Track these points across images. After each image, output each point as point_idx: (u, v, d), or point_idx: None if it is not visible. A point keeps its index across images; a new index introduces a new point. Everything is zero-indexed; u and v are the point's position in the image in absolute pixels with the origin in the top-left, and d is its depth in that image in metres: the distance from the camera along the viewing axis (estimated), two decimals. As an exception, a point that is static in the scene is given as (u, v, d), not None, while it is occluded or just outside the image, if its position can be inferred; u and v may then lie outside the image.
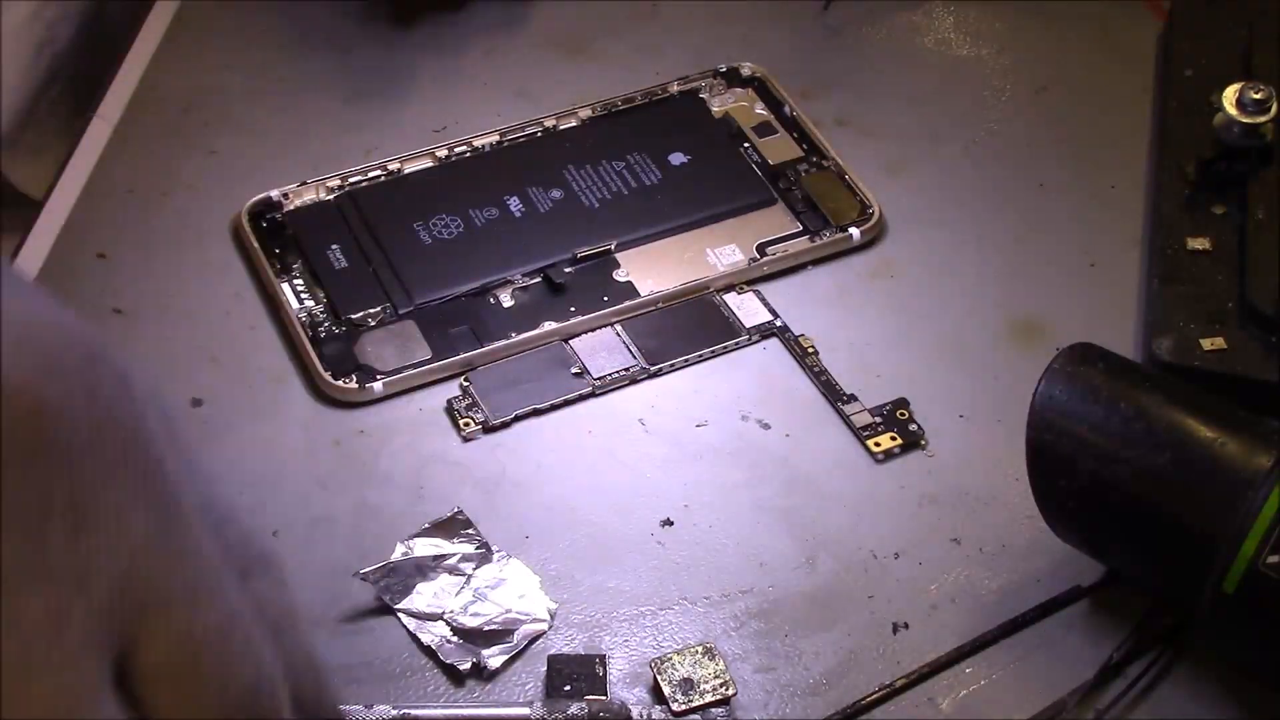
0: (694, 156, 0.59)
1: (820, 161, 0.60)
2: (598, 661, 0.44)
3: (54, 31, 0.66)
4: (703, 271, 0.55)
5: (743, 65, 0.63)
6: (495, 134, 0.60)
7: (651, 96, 0.62)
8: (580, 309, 0.54)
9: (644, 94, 0.62)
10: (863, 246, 0.57)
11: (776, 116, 0.61)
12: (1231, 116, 0.55)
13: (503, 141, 0.60)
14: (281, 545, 0.47)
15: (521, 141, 0.60)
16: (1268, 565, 0.39)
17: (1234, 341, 0.51)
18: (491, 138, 0.59)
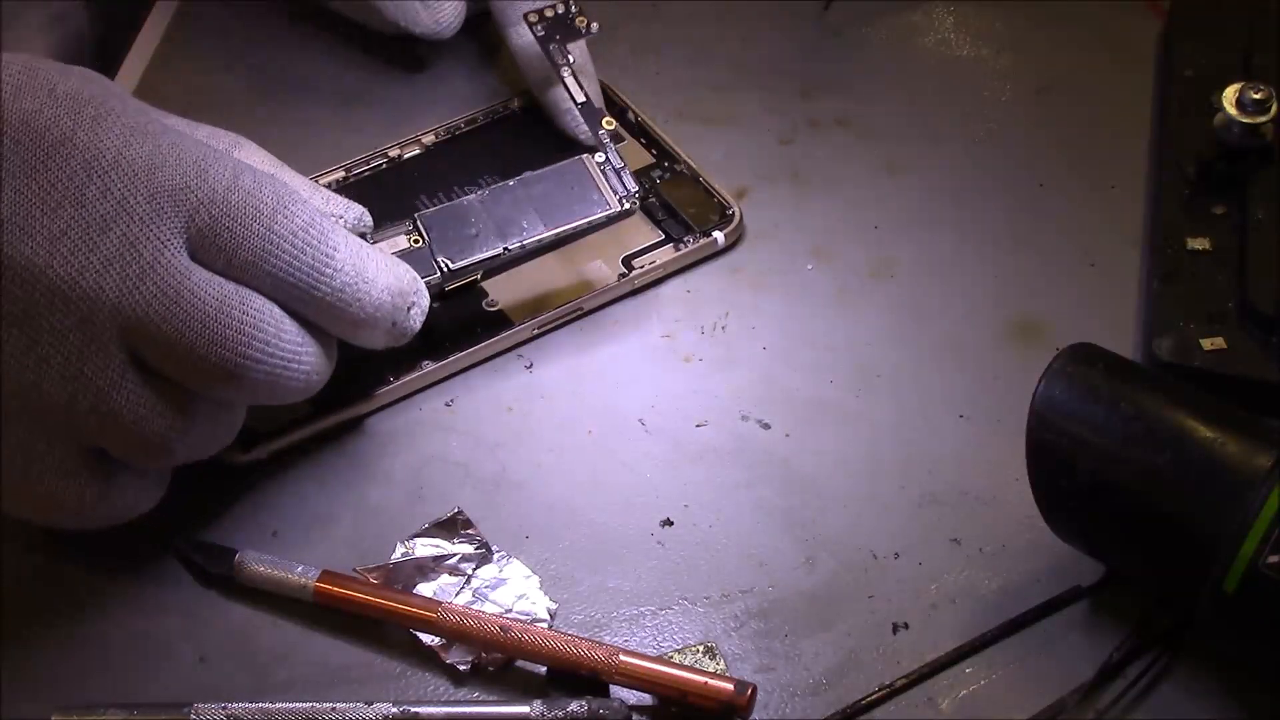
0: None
1: (673, 166, 0.59)
2: (598, 661, 0.44)
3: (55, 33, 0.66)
4: (573, 293, 0.55)
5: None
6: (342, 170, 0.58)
7: (493, 115, 0.61)
8: (455, 345, 0.52)
9: (485, 114, 0.61)
10: (727, 249, 0.57)
11: (620, 123, 0.60)
12: (1231, 116, 0.55)
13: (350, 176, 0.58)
14: (281, 546, 0.47)
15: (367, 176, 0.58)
16: (1268, 565, 0.39)
17: (1234, 341, 0.51)
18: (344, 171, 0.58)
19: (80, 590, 0.46)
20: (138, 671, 0.44)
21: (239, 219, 0.43)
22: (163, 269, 0.42)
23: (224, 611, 0.46)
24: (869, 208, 0.59)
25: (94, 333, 0.41)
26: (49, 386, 0.41)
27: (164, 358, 0.42)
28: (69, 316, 0.41)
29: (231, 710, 0.42)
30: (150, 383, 0.43)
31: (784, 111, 0.63)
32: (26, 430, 0.42)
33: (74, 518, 0.44)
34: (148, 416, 0.43)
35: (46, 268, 0.40)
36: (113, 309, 0.41)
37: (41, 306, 0.41)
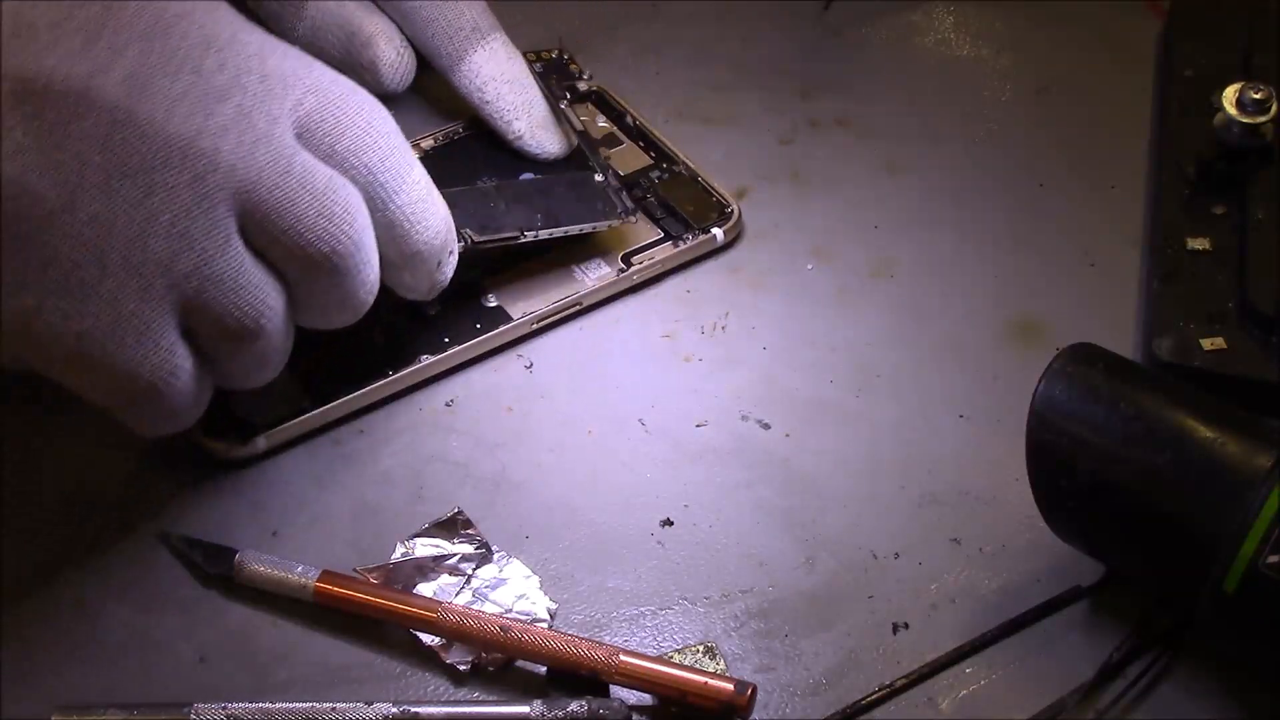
0: (543, 175, 0.57)
1: (671, 167, 0.60)
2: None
3: None
4: (572, 288, 0.55)
5: (579, 80, 0.61)
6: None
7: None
8: (454, 339, 0.53)
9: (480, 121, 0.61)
10: (726, 247, 0.57)
11: (619, 127, 0.61)
12: (1231, 116, 0.55)
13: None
14: (281, 545, 0.47)
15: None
16: (1268, 565, 0.39)
17: (1234, 341, 0.51)
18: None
19: (80, 590, 0.46)
20: (138, 671, 0.44)
21: (343, 108, 0.45)
22: (275, 141, 0.43)
23: (224, 611, 0.46)
24: (869, 208, 0.59)
25: (205, 192, 0.42)
26: (154, 242, 0.42)
27: (269, 231, 0.43)
28: (182, 173, 0.42)
29: (231, 710, 0.42)
30: (250, 260, 0.44)
31: (784, 111, 0.63)
32: (121, 284, 0.42)
33: (136, 394, 0.43)
34: (244, 289, 0.43)
35: (165, 124, 0.42)
36: (227, 171, 0.42)
37: (156, 161, 0.42)
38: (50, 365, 0.43)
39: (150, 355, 0.43)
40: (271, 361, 0.46)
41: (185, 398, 0.44)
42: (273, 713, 0.42)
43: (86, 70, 0.41)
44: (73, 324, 0.41)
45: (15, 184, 0.40)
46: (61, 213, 0.41)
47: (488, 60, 0.57)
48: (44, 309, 0.41)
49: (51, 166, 0.41)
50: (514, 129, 0.57)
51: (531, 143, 0.57)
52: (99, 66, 0.41)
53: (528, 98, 0.57)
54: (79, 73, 0.41)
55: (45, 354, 0.42)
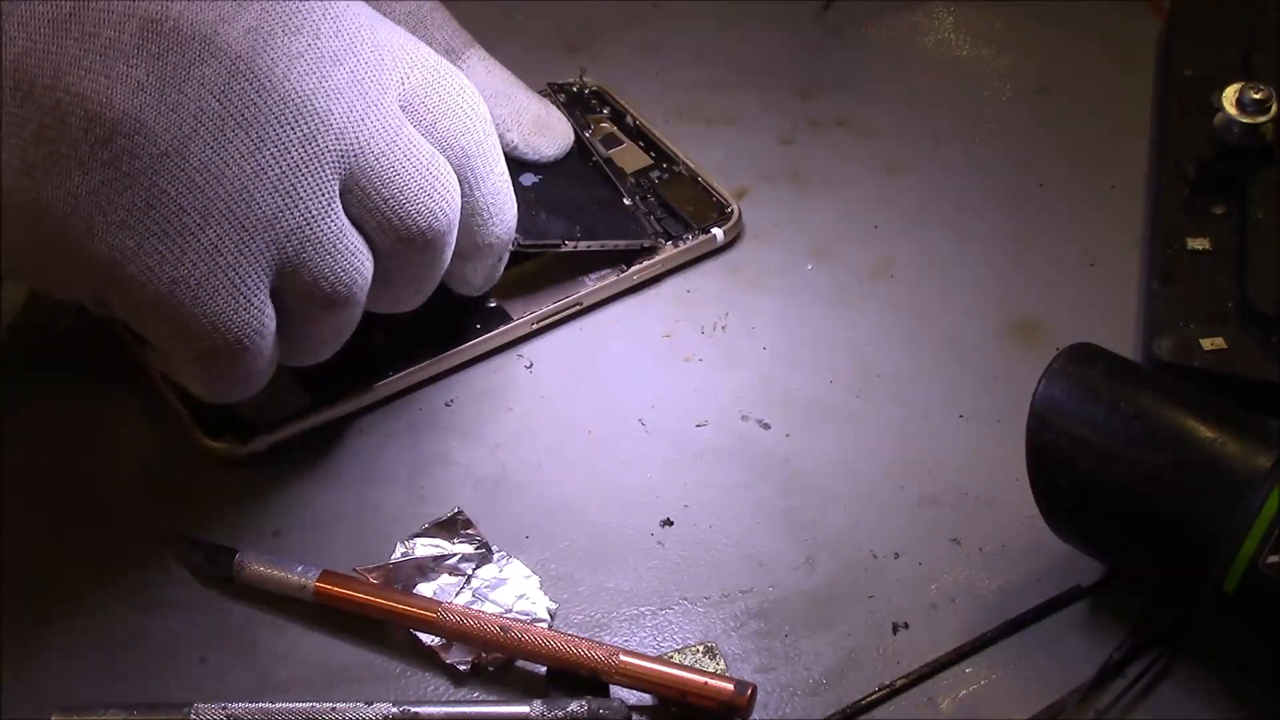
0: (543, 176, 0.57)
1: (671, 167, 0.60)
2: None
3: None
4: (572, 288, 0.55)
5: (578, 81, 0.62)
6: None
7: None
8: (455, 339, 0.53)
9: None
10: (726, 247, 0.57)
11: (619, 127, 0.61)
12: (1231, 116, 0.55)
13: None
14: (281, 545, 0.47)
15: None
16: (1268, 565, 0.39)
17: (1234, 341, 0.51)
18: None
19: (80, 590, 0.46)
20: (138, 671, 0.44)
21: (446, 88, 0.46)
22: (384, 110, 0.44)
23: (224, 611, 0.46)
24: (869, 208, 0.59)
25: (314, 152, 0.43)
26: (260, 195, 0.42)
27: (371, 199, 0.44)
28: (295, 130, 0.42)
29: (231, 710, 0.42)
30: (349, 226, 0.44)
31: (784, 111, 0.63)
32: (222, 235, 0.42)
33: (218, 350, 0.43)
34: (342, 254, 0.44)
35: (282, 80, 0.42)
36: (337, 133, 0.43)
37: (271, 115, 0.42)
38: (136, 311, 0.43)
39: (241, 310, 0.43)
40: (344, 336, 0.47)
41: (262, 361, 0.45)
42: (273, 713, 0.42)
43: (213, 17, 0.41)
44: (168, 269, 0.41)
45: (132, 120, 0.40)
46: (173, 155, 0.41)
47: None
48: (142, 250, 0.41)
49: (169, 108, 0.41)
50: (507, 141, 0.56)
51: (528, 150, 0.57)
52: (224, 15, 0.42)
53: (514, 107, 0.56)
54: (206, 19, 0.41)
55: (134, 298, 0.42)
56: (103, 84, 0.40)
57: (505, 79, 0.56)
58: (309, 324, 0.45)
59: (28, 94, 0.40)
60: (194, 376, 0.45)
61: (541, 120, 0.57)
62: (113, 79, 0.40)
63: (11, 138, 0.40)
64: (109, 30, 0.41)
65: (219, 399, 0.46)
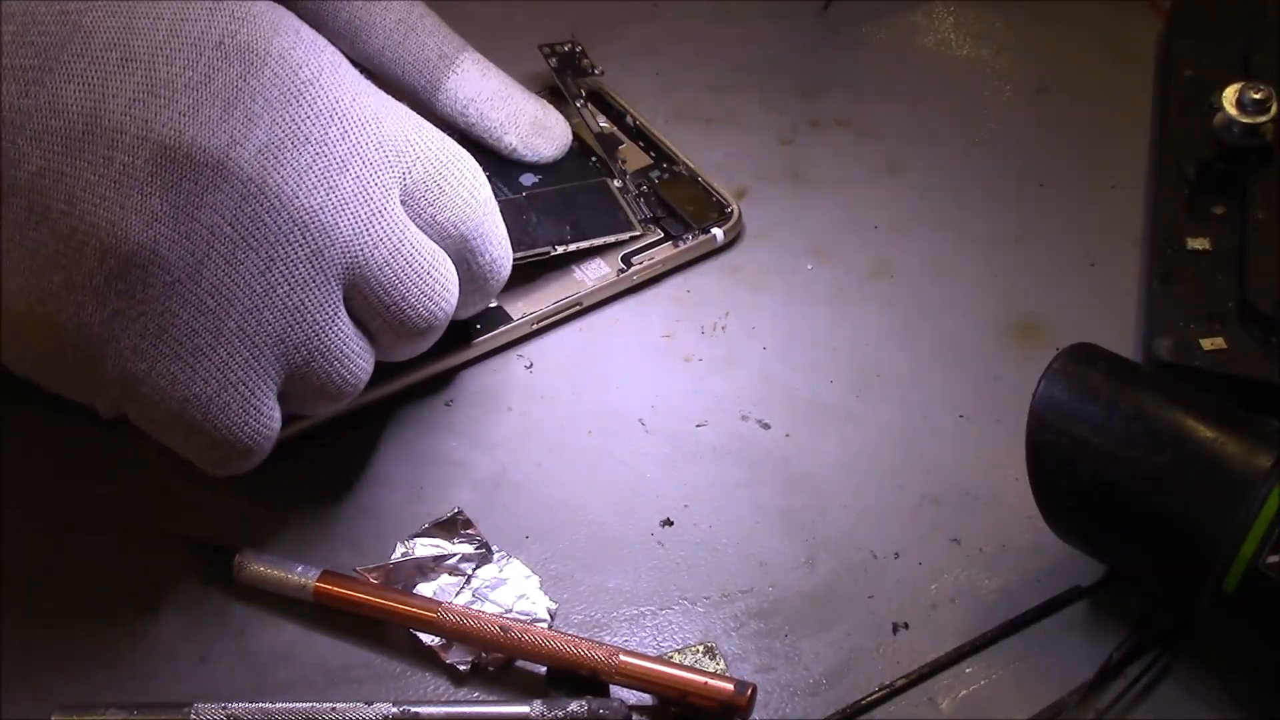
0: (544, 176, 0.57)
1: (671, 167, 0.59)
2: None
3: None
4: (572, 288, 0.55)
5: (590, 74, 0.62)
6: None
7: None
8: (454, 340, 0.52)
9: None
10: (726, 247, 0.57)
11: (619, 127, 0.61)
12: (1231, 116, 0.55)
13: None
14: (281, 546, 0.47)
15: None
16: (1268, 565, 0.39)
17: (1234, 341, 0.50)
18: None
19: (80, 590, 0.46)
20: (138, 671, 0.44)
21: (447, 179, 0.46)
22: (388, 216, 0.44)
23: (224, 611, 0.46)
24: (869, 208, 0.59)
25: (322, 267, 0.43)
26: (270, 314, 0.42)
27: (375, 304, 0.44)
28: (303, 247, 0.43)
29: (231, 710, 0.42)
30: (353, 330, 0.45)
31: (784, 111, 0.63)
32: (231, 353, 0.42)
33: (229, 455, 0.44)
34: (347, 358, 0.45)
35: (293, 198, 0.42)
36: (343, 247, 0.43)
37: (280, 234, 0.42)
38: (150, 424, 0.44)
39: (250, 420, 0.43)
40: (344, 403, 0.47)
41: (266, 451, 0.45)
42: (273, 713, 0.42)
43: (225, 141, 0.41)
44: (180, 389, 0.42)
45: (147, 251, 0.41)
46: (186, 281, 0.41)
47: (461, 84, 0.56)
48: (154, 373, 0.42)
49: (183, 236, 0.41)
50: (505, 144, 0.56)
51: (527, 153, 0.57)
52: (235, 138, 0.42)
53: (511, 109, 0.56)
54: (219, 143, 0.41)
55: (147, 414, 0.43)
56: (118, 214, 0.41)
57: (501, 81, 0.56)
58: (313, 410, 0.47)
59: (43, 217, 0.41)
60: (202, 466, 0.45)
61: (539, 121, 0.57)
62: (128, 209, 0.41)
63: (25, 261, 0.41)
64: (122, 155, 0.41)
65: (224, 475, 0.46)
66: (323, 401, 0.46)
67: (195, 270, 0.41)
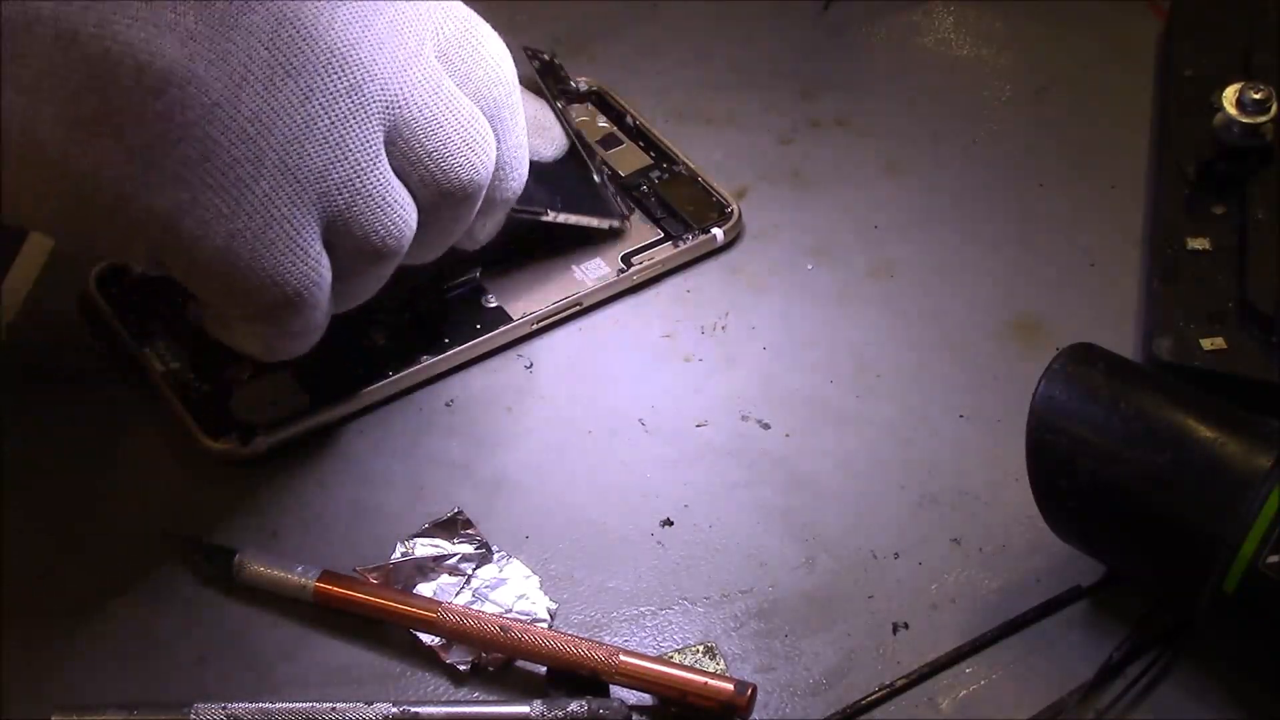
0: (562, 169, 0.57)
1: (671, 167, 0.60)
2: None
3: None
4: (572, 288, 0.55)
5: (578, 80, 0.62)
6: None
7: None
8: (455, 339, 0.53)
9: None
10: (726, 247, 0.57)
11: (619, 127, 0.61)
12: (1231, 116, 0.55)
13: None
14: (281, 545, 0.47)
15: None
16: (1268, 565, 0.39)
17: (1234, 341, 0.51)
18: None
19: (80, 590, 0.46)
20: (138, 671, 0.44)
21: (479, 39, 0.46)
22: (425, 61, 0.44)
23: (224, 611, 0.46)
24: (869, 208, 0.59)
25: (361, 102, 0.42)
26: (310, 147, 0.42)
27: (415, 151, 0.44)
28: (342, 80, 0.42)
29: (231, 710, 0.42)
30: (395, 178, 0.44)
31: (784, 111, 0.63)
32: (275, 186, 0.41)
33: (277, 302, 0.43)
34: (390, 206, 0.44)
35: (327, 29, 0.42)
36: (381, 83, 0.42)
37: (318, 64, 0.41)
38: (194, 267, 0.42)
39: (299, 261, 0.42)
40: (375, 288, 0.47)
41: (319, 313, 0.44)
42: (273, 713, 0.42)
43: None
44: (224, 223, 0.41)
45: (183, 69, 0.39)
46: (225, 105, 0.40)
47: None
48: (197, 204, 0.41)
49: (219, 57, 0.40)
50: None
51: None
52: None
53: None
54: None
55: (191, 254, 0.41)
56: (151, 32, 0.39)
57: None
58: (354, 278, 0.45)
59: (72, 41, 0.39)
60: (252, 335, 0.44)
61: (538, 121, 0.57)
62: (161, 27, 0.39)
63: (58, 90, 0.39)
64: None
65: (276, 356, 0.46)
66: (364, 259, 0.44)
67: (234, 93, 0.40)
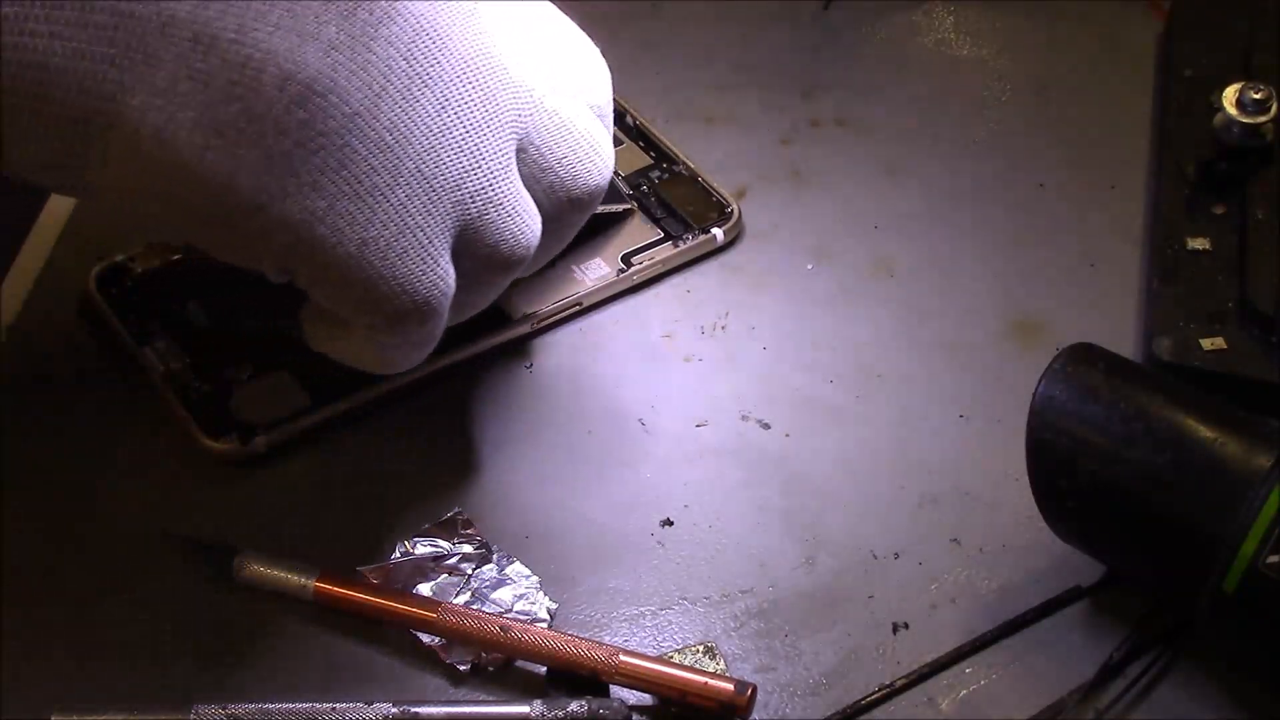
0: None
1: (671, 167, 0.60)
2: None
3: None
4: (571, 288, 0.55)
5: None
6: None
7: None
8: (454, 340, 0.52)
9: None
10: (726, 247, 0.57)
11: (619, 127, 0.61)
12: (1231, 116, 0.55)
13: None
14: (281, 545, 0.47)
15: None
16: (1268, 565, 0.39)
17: (1234, 341, 0.51)
18: None
19: (80, 590, 0.46)
20: (138, 671, 0.44)
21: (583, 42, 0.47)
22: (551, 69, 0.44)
23: (224, 611, 0.46)
24: (869, 208, 0.59)
25: (494, 111, 0.43)
26: (446, 156, 0.42)
27: (544, 160, 0.44)
28: (476, 89, 0.42)
29: (231, 710, 0.42)
30: (524, 188, 0.44)
31: (784, 111, 0.63)
32: (409, 195, 0.42)
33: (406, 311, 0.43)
34: (521, 216, 0.44)
35: (462, 39, 0.42)
36: (514, 92, 0.43)
37: (453, 74, 0.42)
38: (324, 274, 0.42)
39: (429, 271, 0.42)
40: (492, 299, 0.47)
41: (441, 324, 0.45)
42: (273, 713, 0.42)
43: None
44: (358, 230, 0.41)
45: (326, 79, 0.40)
46: (365, 115, 0.40)
47: None
48: (333, 212, 0.41)
49: (360, 67, 0.40)
50: None
51: None
52: None
53: None
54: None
55: (323, 261, 0.41)
56: (294, 41, 0.39)
57: None
58: (477, 287, 0.45)
59: (210, 47, 0.39)
60: (370, 345, 0.44)
61: None
62: (304, 36, 0.39)
63: (197, 93, 0.39)
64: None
65: (390, 368, 0.45)
66: (491, 269, 0.44)
67: (373, 104, 0.40)
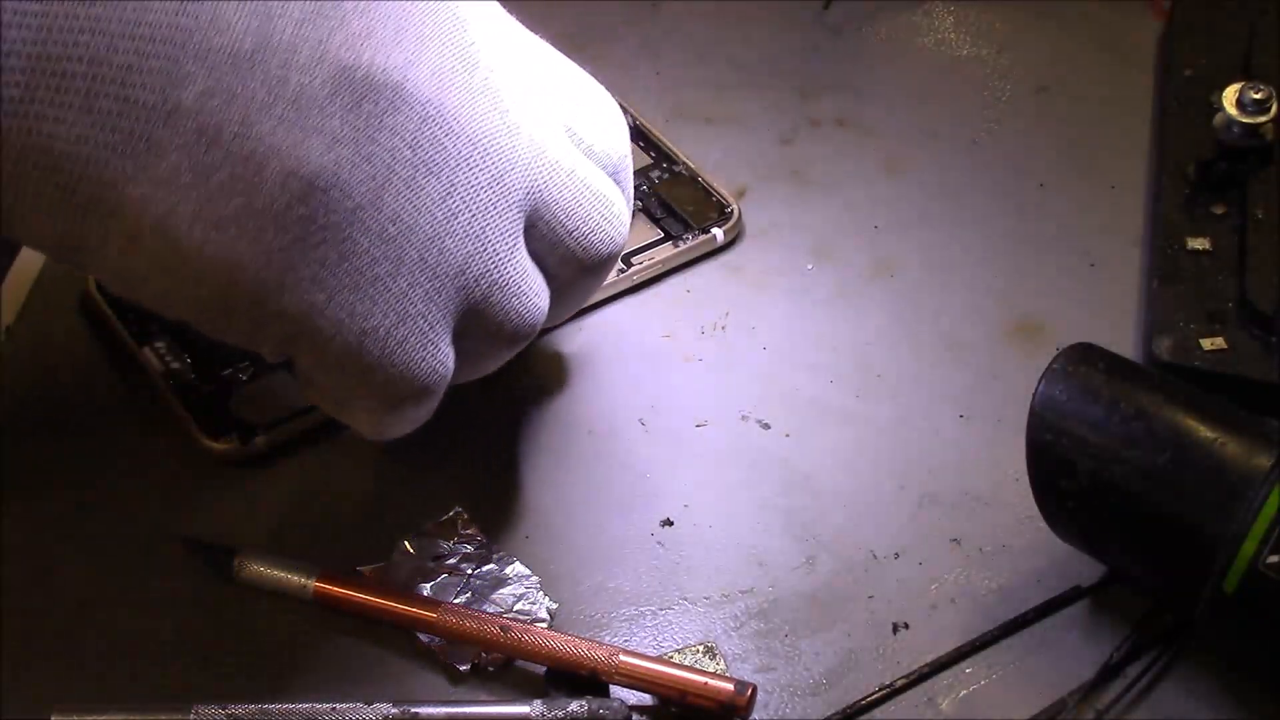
0: None
1: (671, 167, 0.60)
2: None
3: None
4: None
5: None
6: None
7: None
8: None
9: None
10: (726, 247, 0.57)
11: None
12: (1231, 116, 0.55)
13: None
14: (281, 545, 0.47)
15: None
16: (1268, 565, 0.39)
17: (1234, 341, 0.51)
18: None
19: (80, 590, 0.46)
20: (138, 671, 0.44)
21: (599, 99, 0.46)
22: (560, 139, 0.44)
23: (224, 612, 0.46)
24: (869, 208, 0.59)
25: (503, 193, 0.42)
26: (451, 243, 0.41)
27: (555, 232, 0.44)
28: (484, 172, 0.41)
29: (231, 710, 0.42)
30: (533, 264, 0.44)
31: (784, 111, 0.63)
32: (412, 284, 0.41)
33: (404, 396, 0.42)
34: (527, 294, 0.43)
35: (468, 122, 0.41)
36: (523, 170, 0.42)
37: (461, 159, 0.41)
38: (322, 362, 0.42)
39: (429, 357, 0.42)
40: (499, 366, 0.46)
41: (438, 400, 0.44)
42: (273, 713, 0.42)
43: (401, 62, 0.40)
44: (358, 321, 0.40)
45: (329, 175, 0.39)
46: (368, 207, 0.40)
47: None
48: (333, 304, 0.40)
49: (364, 160, 0.40)
50: None
51: None
52: (410, 59, 0.40)
53: None
54: (396, 64, 0.40)
55: (320, 350, 0.41)
56: (298, 136, 0.38)
57: None
58: (481, 360, 0.45)
59: (214, 140, 0.38)
60: (369, 420, 0.44)
61: None
62: (308, 130, 0.39)
63: (199, 186, 0.38)
64: (298, 75, 0.38)
65: (388, 436, 0.45)
66: (496, 344, 0.44)
67: (377, 195, 0.40)
